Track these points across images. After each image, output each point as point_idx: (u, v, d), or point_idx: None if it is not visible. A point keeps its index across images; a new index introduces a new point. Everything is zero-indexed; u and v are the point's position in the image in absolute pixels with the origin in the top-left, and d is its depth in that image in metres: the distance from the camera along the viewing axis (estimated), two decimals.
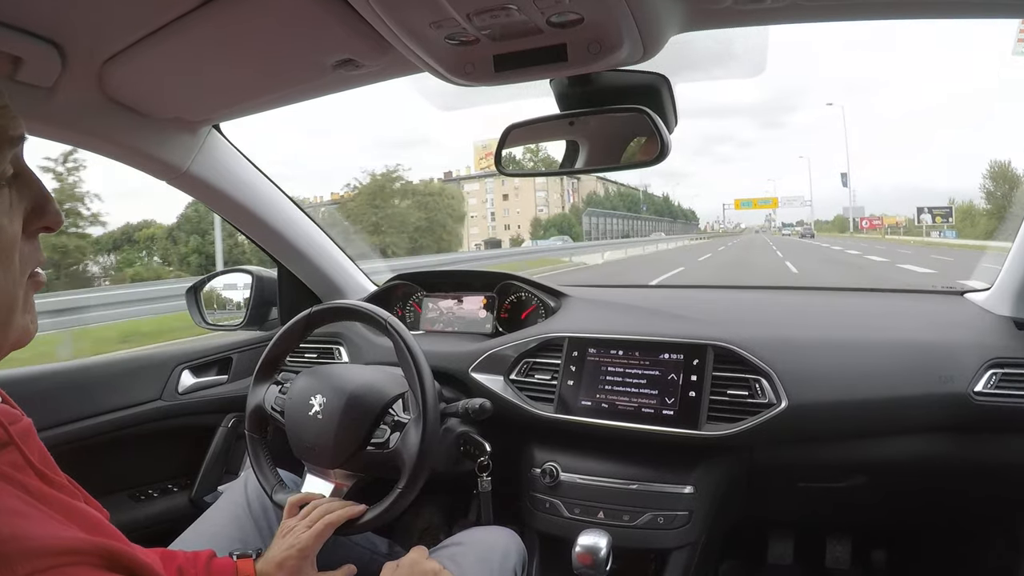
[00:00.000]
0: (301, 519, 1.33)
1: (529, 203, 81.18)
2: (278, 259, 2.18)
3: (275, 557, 1.24)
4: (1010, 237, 1.66)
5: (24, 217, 0.73)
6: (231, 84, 1.43)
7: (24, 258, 0.73)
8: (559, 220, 71.79)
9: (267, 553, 1.27)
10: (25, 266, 0.73)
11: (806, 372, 1.60)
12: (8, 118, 0.71)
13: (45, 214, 0.76)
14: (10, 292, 0.71)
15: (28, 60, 1.13)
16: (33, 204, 0.75)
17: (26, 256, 0.74)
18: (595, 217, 63.14)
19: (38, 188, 0.75)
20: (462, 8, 0.97)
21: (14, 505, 0.64)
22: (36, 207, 0.75)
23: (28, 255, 0.74)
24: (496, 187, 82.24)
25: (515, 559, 1.44)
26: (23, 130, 0.73)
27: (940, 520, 2.03)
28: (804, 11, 1.07)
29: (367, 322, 1.52)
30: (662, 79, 1.25)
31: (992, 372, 1.54)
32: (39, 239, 0.78)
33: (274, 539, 1.31)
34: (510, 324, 2.11)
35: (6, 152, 0.70)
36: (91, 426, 1.78)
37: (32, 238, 0.75)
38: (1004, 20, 1.19)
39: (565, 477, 1.70)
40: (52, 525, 0.66)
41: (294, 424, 1.46)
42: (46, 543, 0.61)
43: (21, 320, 0.74)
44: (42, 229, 0.77)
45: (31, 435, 0.77)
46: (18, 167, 0.73)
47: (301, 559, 1.24)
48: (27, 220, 0.74)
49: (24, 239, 0.73)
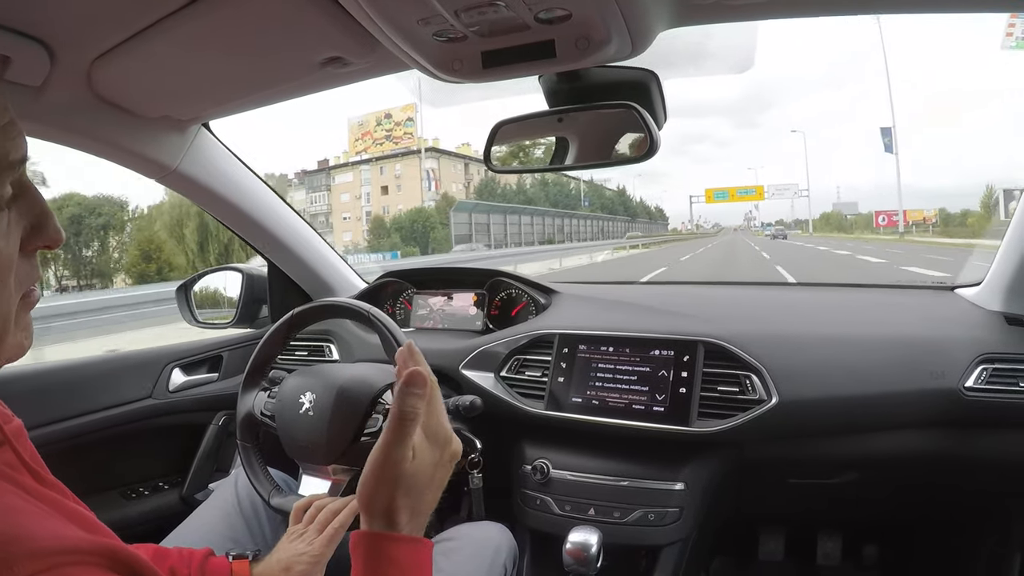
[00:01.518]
0: (308, 523, 1.30)
1: (415, 197, 63.46)
2: (268, 257, 2.18)
3: (282, 560, 1.22)
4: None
5: (23, 236, 0.72)
6: (219, 82, 1.43)
7: (20, 277, 0.72)
8: (410, 220, 53.63)
9: (272, 555, 1.25)
10: (20, 284, 0.73)
11: (797, 368, 1.60)
12: (10, 139, 0.70)
13: (45, 232, 0.75)
14: (4, 311, 0.70)
15: (16, 59, 1.13)
16: (33, 223, 0.73)
17: (22, 275, 0.73)
18: (478, 214, 43.62)
19: (39, 207, 0.74)
20: (450, 5, 0.97)
21: (14, 503, 0.64)
22: (36, 226, 0.74)
23: (25, 274, 0.73)
24: (374, 177, 67.13)
25: (506, 555, 1.44)
26: (25, 151, 0.72)
27: (931, 515, 2.04)
28: (792, 6, 1.08)
29: (352, 318, 1.51)
30: (651, 75, 1.25)
31: (983, 367, 1.55)
32: (36, 257, 0.77)
33: (280, 541, 1.28)
34: (500, 321, 2.12)
35: (6, 176, 0.69)
36: (82, 424, 1.77)
37: (30, 256, 0.74)
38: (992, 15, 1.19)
39: (556, 474, 1.70)
40: (53, 524, 0.65)
41: (286, 425, 1.46)
42: (48, 542, 0.61)
43: (15, 337, 0.73)
44: (41, 247, 0.76)
45: (23, 435, 0.77)
46: (19, 187, 0.71)
47: (313, 565, 1.22)
48: (26, 239, 0.73)
49: (21, 257, 0.73)
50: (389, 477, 0.83)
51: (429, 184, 64.51)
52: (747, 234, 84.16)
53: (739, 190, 77.76)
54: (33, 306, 0.76)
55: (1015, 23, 10.92)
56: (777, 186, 76.29)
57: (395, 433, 0.83)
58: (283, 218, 2.07)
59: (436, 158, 60.33)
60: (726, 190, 77.01)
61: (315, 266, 2.21)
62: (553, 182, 65.91)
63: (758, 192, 78.49)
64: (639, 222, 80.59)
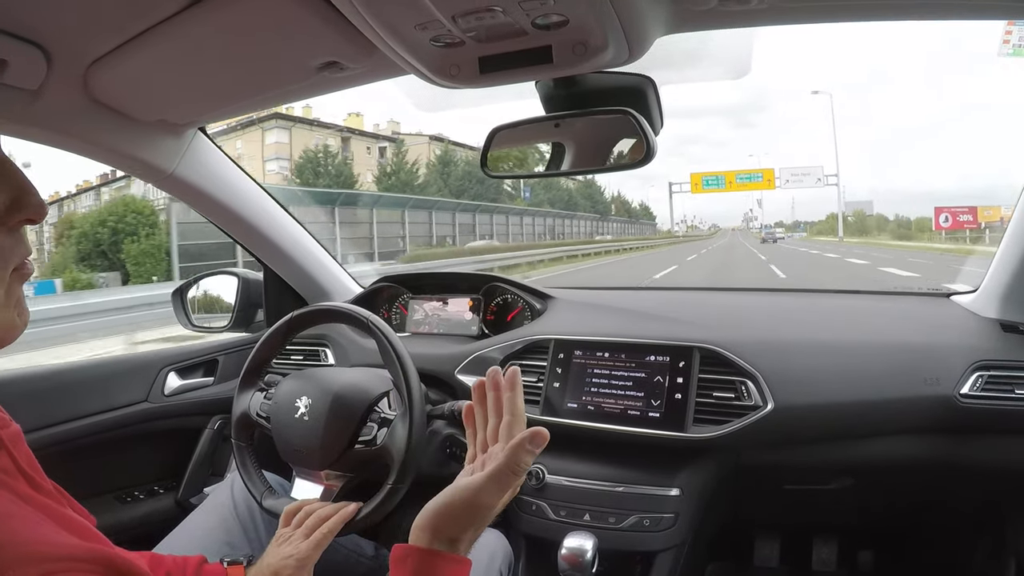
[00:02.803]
0: (296, 527, 1.31)
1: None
2: (264, 261, 2.18)
3: (271, 565, 1.23)
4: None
5: (3, 210, 0.72)
6: (216, 87, 1.43)
7: (5, 252, 0.72)
8: (98, 222, 23.57)
9: (261, 560, 1.25)
10: (7, 260, 0.73)
11: (792, 374, 1.60)
12: None
13: (26, 206, 0.75)
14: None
15: (13, 63, 1.13)
16: (12, 196, 0.73)
17: (7, 249, 0.73)
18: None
19: (18, 179, 0.74)
20: (447, 10, 0.97)
21: (8, 509, 0.64)
22: (16, 199, 0.74)
23: (10, 248, 0.73)
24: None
25: (501, 560, 1.45)
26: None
27: (926, 521, 2.04)
28: (789, 13, 1.08)
29: (349, 323, 1.52)
30: (648, 81, 1.25)
31: (978, 374, 1.55)
32: (23, 231, 0.77)
33: (268, 546, 1.29)
34: (496, 326, 2.12)
35: None
36: (77, 428, 1.77)
37: (14, 231, 0.74)
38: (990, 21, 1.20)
39: (551, 479, 1.69)
40: (47, 531, 0.65)
41: (281, 428, 1.46)
42: (42, 549, 0.61)
43: (6, 314, 0.73)
44: (24, 221, 0.76)
45: (20, 441, 0.77)
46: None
47: (299, 569, 1.23)
48: (6, 212, 0.73)
49: (4, 232, 0.72)
50: (473, 514, 0.88)
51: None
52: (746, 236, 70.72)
53: (739, 175, 52.73)
54: (27, 279, 0.76)
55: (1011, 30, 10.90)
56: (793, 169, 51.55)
57: (498, 483, 0.87)
58: (279, 223, 2.07)
59: (287, 128, 40.85)
60: (721, 175, 53.00)
61: (311, 270, 2.21)
62: (469, 161, 42.39)
63: (766, 178, 52.46)
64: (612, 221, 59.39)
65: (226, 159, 1.86)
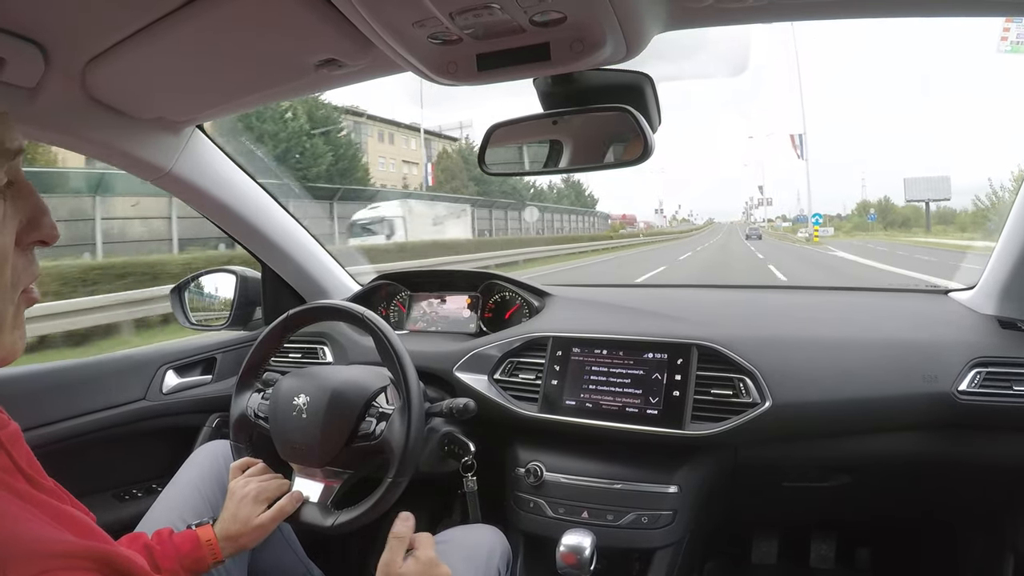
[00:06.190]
0: (244, 486, 1.37)
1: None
2: (262, 259, 2.18)
3: (228, 530, 1.29)
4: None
5: (18, 230, 0.72)
6: (214, 84, 1.43)
7: (17, 272, 0.72)
8: None
9: (222, 517, 1.32)
10: (18, 281, 0.73)
11: (790, 371, 1.60)
12: (7, 128, 0.70)
13: (40, 227, 0.75)
14: (0, 307, 0.70)
15: (11, 60, 1.13)
16: (28, 217, 0.74)
17: (19, 270, 0.73)
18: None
19: (34, 200, 0.74)
20: (445, 7, 0.97)
21: (7, 508, 0.64)
22: (31, 220, 0.74)
23: (21, 269, 0.73)
24: None
25: (500, 558, 1.45)
26: (21, 142, 0.72)
27: (924, 518, 2.05)
28: (786, 9, 1.08)
29: (346, 320, 1.52)
30: (645, 78, 1.25)
31: (976, 371, 1.55)
32: (34, 253, 0.77)
33: (226, 502, 1.36)
34: (494, 324, 2.12)
35: (1, 164, 0.69)
36: (76, 426, 1.77)
37: (26, 252, 0.75)
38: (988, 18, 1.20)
39: (549, 477, 1.70)
40: (45, 529, 0.65)
41: (279, 426, 1.46)
42: (40, 547, 0.61)
43: (9, 337, 0.73)
44: (37, 243, 0.76)
45: (19, 440, 0.77)
46: (14, 178, 0.72)
47: (254, 540, 1.32)
48: (21, 233, 0.73)
49: (17, 252, 0.72)
50: None
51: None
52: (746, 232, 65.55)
53: None
54: (33, 303, 0.76)
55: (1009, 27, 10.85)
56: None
57: None
58: (277, 220, 2.07)
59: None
60: None
61: (309, 268, 2.21)
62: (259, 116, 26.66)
63: None
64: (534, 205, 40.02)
65: (224, 157, 1.85)
